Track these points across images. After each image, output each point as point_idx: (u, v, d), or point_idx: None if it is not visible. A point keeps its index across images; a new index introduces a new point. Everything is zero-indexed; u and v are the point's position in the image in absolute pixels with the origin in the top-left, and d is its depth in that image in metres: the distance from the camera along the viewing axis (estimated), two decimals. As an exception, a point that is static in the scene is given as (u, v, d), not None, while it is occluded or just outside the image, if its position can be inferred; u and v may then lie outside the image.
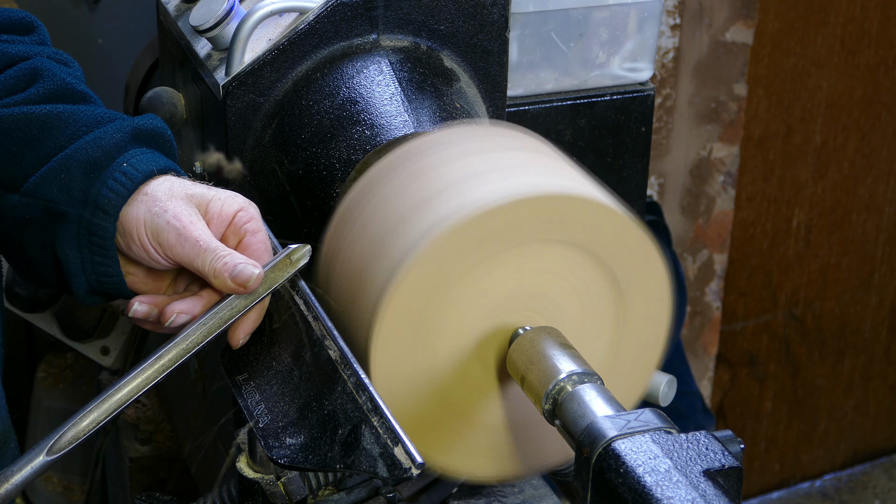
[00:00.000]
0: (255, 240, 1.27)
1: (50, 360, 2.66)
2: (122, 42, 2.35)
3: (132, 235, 1.26)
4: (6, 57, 1.39)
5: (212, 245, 1.24)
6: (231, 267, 1.22)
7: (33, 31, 1.44)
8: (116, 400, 1.19)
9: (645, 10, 1.84)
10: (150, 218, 1.26)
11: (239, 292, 1.23)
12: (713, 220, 3.02)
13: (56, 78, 1.36)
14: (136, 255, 1.28)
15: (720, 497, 1.03)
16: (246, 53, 1.50)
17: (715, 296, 3.11)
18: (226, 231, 1.27)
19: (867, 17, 3.09)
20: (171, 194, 1.27)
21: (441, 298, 1.22)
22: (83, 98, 1.37)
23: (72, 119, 1.32)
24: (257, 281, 1.23)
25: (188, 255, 1.24)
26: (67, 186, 1.28)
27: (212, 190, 1.29)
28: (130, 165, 1.28)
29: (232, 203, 1.28)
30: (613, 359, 1.32)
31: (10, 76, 1.37)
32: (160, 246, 1.25)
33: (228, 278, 1.22)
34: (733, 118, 2.93)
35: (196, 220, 1.26)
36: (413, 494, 1.51)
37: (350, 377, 1.19)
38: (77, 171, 1.28)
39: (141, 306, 1.27)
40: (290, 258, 1.26)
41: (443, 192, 1.23)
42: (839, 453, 3.59)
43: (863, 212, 3.31)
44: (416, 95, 1.48)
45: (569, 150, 1.71)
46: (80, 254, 1.29)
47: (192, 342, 1.23)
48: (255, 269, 1.22)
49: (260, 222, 1.29)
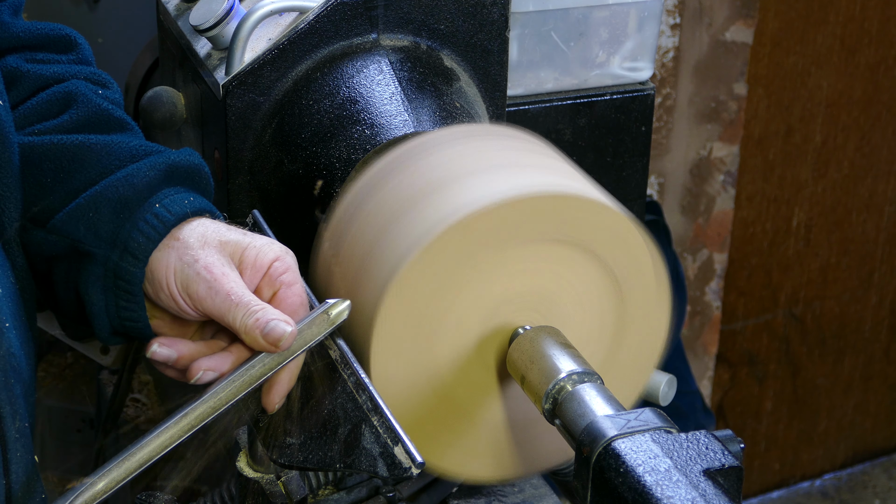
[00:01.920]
0: (290, 293, 1.20)
1: (50, 360, 2.66)
2: (122, 42, 2.35)
3: (161, 284, 1.20)
4: (41, 79, 1.33)
5: (244, 299, 1.17)
6: (263, 323, 1.15)
7: (72, 49, 1.38)
8: (138, 459, 1.13)
9: (645, 9, 1.84)
10: (181, 267, 1.19)
11: (271, 350, 1.16)
12: (713, 219, 3.02)
13: (91, 104, 1.30)
14: (163, 304, 1.22)
15: (720, 496, 1.03)
16: (246, 53, 1.50)
17: (715, 295, 3.11)
18: (260, 282, 1.20)
19: (867, 16, 3.09)
20: (204, 241, 1.21)
21: (441, 298, 1.22)
22: (119, 125, 1.31)
23: (104, 151, 1.26)
24: (290, 339, 1.16)
25: (219, 309, 1.17)
26: (95, 226, 1.22)
27: (247, 236, 1.22)
28: (163, 207, 1.23)
29: (268, 252, 1.21)
30: (613, 358, 1.32)
31: (42, 100, 1.31)
32: (189, 297, 1.19)
33: (260, 335, 1.15)
34: (733, 118, 2.93)
35: (229, 272, 1.19)
36: (413, 494, 1.51)
37: (350, 377, 1.19)
38: (106, 210, 1.22)
39: (161, 349, 1.19)
40: (327, 314, 1.19)
41: (442, 192, 1.23)
42: (839, 453, 3.59)
43: (863, 211, 3.31)
44: (416, 95, 1.48)
45: (569, 150, 1.72)
46: (104, 296, 1.23)
47: (220, 401, 1.16)
48: (288, 327, 1.15)
49: (296, 273, 1.21)
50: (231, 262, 1.20)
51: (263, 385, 1.20)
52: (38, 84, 1.33)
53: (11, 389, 1.18)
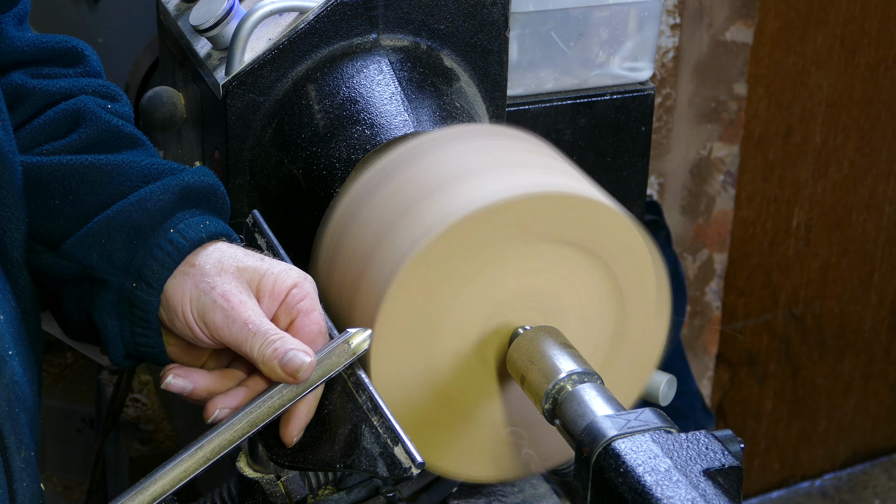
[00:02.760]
0: (308, 321, 1.17)
1: (50, 360, 2.66)
2: (122, 42, 2.35)
3: (176, 312, 1.18)
4: (48, 95, 1.29)
5: (262, 328, 1.14)
6: (282, 354, 1.12)
7: (80, 62, 1.35)
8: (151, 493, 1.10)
9: (645, 9, 1.84)
10: (197, 295, 1.17)
11: (289, 382, 1.14)
12: (713, 219, 3.02)
13: (100, 121, 1.27)
14: (179, 332, 1.19)
15: (720, 497, 1.03)
16: (246, 53, 1.50)
17: (715, 295, 3.11)
18: (278, 310, 1.18)
19: (867, 16, 3.09)
20: (221, 268, 1.18)
21: (441, 298, 1.22)
22: (130, 142, 1.28)
23: (115, 172, 1.23)
24: (308, 370, 1.13)
25: (236, 339, 1.15)
26: (108, 253, 1.19)
27: (265, 262, 1.20)
28: (178, 232, 1.20)
29: (286, 279, 1.18)
30: (613, 358, 1.32)
31: (50, 118, 1.28)
32: (206, 326, 1.16)
33: (278, 366, 1.13)
34: (733, 118, 2.93)
35: (246, 300, 1.16)
36: (413, 494, 1.51)
37: (350, 377, 1.19)
38: (119, 236, 1.19)
39: (176, 380, 1.17)
40: (348, 343, 1.16)
41: (442, 191, 1.23)
42: (839, 453, 3.59)
43: (863, 211, 3.31)
44: (416, 95, 1.48)
45: (569, 150, 1.72)
46: (119, 322, 1.21)
47: (237, 433, 1.14)
48: (307, 358, 1.13)
49: (315, 300, 1.18)
50: (248, 289, 1.18)
51: (281, 417, 1.18)
52: (46, 101, 1.30)
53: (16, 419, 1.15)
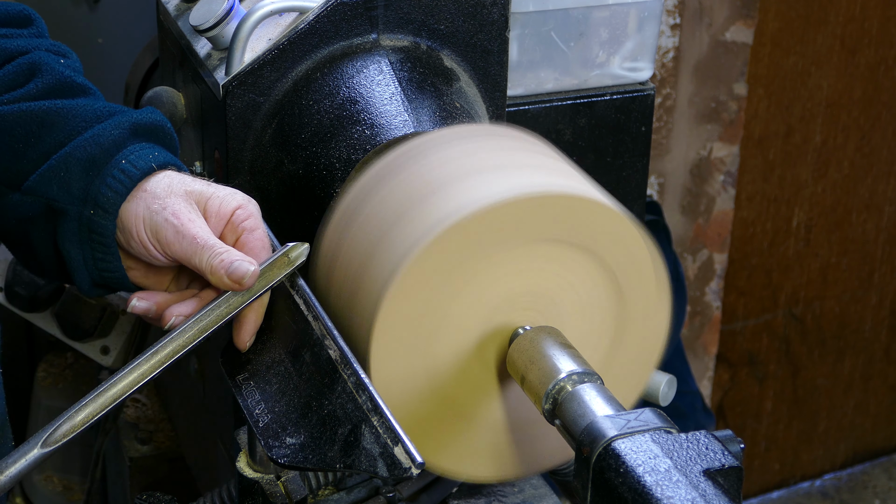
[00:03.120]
0: (252, 237, 1.27)
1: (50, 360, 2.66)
2: (122, 42, 2.35)
3: (131, 232, 1.27)
4: (5, 52, 1.39)
5: (209, 242, 1.24)
6: (227, 264, 1.23)
7: (31, 23, 1.45)
8: (111, 395, 1.20)
9: (645, 9, 1.84)
10: (149, 215, 1.26)
11: (235, 289, 1.24)
12: (713, 219, 3.02)
13: (55, 72, 1.36)
14: (135, 252, 1.29)
15: (720, 497, 1.03)
16: (246, 53, 1.50)
17: (715, 295, 3.11)
18: (224, 229, 1.28)
19: (867, 16, 3.09)
20: (170, 191, 1.28)
21: (441, 298, 1.22)
22: (82, 91, 1.38)
23: (71, 115, 1.32)
24: (253, 278, 1.23)
25: (186, 253, 1.25)
26: (67, 185, 1.29)
27: (211, 187, 1.30)
28: (129, 162, 1.29)
29: (231, 201, 1.29)
30: (613, 358, 1.32)
31: (8, 71, 1.37)
32: (158, 243, 1.26)
33: (224, 275, 1.23)
34: (733, 118, 2.93)
35: (195, 217, 1.26)
36: (413, 494, 1.51)
37: (350, 377, 1.19)
38: (76, 169, 1.29)
39: (140, 302, 1.28)
40: (287, 256, 1.27)
41: (442, 192, 1.23)
42: (839, 453, 3.59)
43: (863, 211, 3.31)
44: (416, 95, 1.48)
45: (569, 150, 1.72)
46: (81, 250, 1.30)
47: (188, 338, 1.24)
48: (251, 266, 1.23)
49: (258, 220, 1.29)
50: (197, 209, 1.28)
51: (234, 325, 1.27)
52: (4, 57, 1.39)
53: None
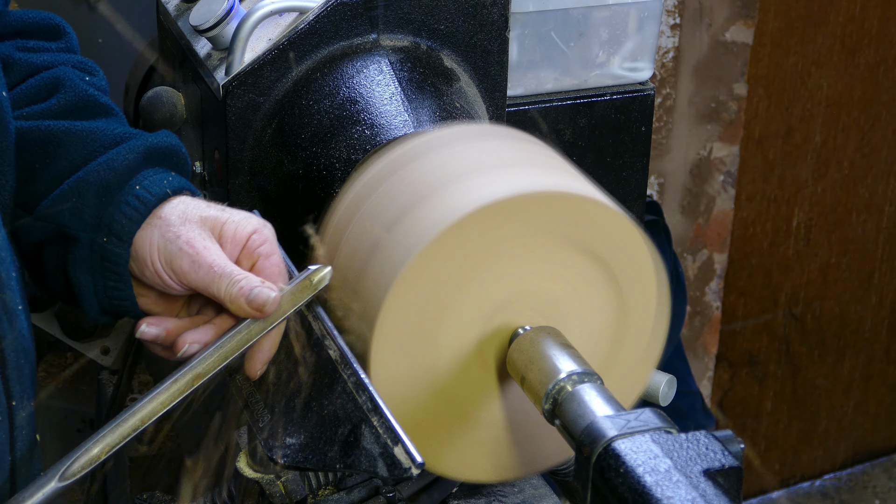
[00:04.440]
0: (269, 263, 1.24)
1: (50, 360, 2.66)
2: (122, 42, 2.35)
3: (145, 262, 1.24)
4: (30, 66, 1.37)
5: (227, 269, 1.21)
6: (247, 291, 1.19)
7: (61, 36, 1.42)
8: (130, 425, 1.16)
9: (645, 9, 1.84)
10: (164, 244, 1.23)
11: (256, 316, 1.20)
12: (713, 219, 3.02)
13: (77, 89, 1.34)
14: (149, 281, 1.26)
15: (720, 497, 1.03)
16: (246, 53, 1.50)
17: (715, 295, 3.11)
18: (240, 254, 1.24)
19: (867, 16, 3.09)
20: (185, 218, 1.25)
21: (441, 298, 1.22)
22: (104, 111, 1.35)
23: (89, 137, 1.30)
24: (274, 304, 1.20)
25: (203, 281, 1.22)
26: (80, 211, 1.26)
27: (226, 212, 1.26)
28: (143, 188, 1.26)
29: (246, 225, 1.25)
30: (613, 358, 1.32)
31: (31, 85, 1.35)
32: (174, 273, 1.23)
33: (245, 303, 1.19)
34: (733, 118, 2.93)
35: (210, 245, 1.23)
36: (413, 494, 1.51)
37: (350, 377, 1.19)
38: (89, 194, 1.26)
39: (150, 328, 1.24)
40: (310, 280, 1.23)
41: (441, 192, 1.23)
42: (839, 453, 3.59)
43: (863, 212, 3.31)
44: (416, 95, 1.48)
45: (569, 150, 1.72)
46: (92, 277, 1.27)
47: (208, 367, 1.19)
48: (272, 293, 1.19)
49: (274, 245, 1.26)
50: (211, 235, 1.24)
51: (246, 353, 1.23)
52: (29, 71, 1.37)
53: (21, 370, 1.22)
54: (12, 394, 1.21)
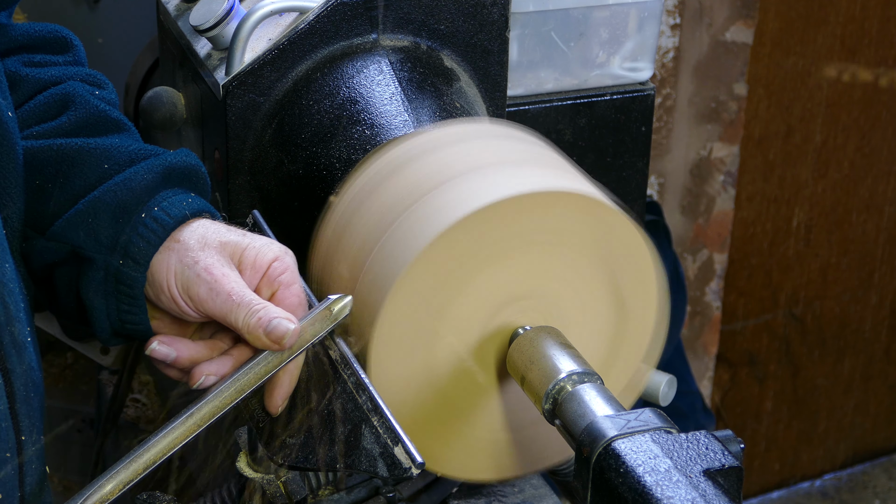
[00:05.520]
0: (289, 293, 1.20)
1: (50, 360, 2.66)
2: (122, 42, 2.35)
3: (161, 287, 1.21)
4: (38, 82, 1.33)
5: (245, 298, 1.17)
6: (266, 322, 1.15)
7: (68, 49, 1.39)
8: (144, 461, 1.13)
9: (645, 9, 1.84)
10: (181, 269, 1.20)
11: (274, 349, 1.17)
12: (713, 219, 3.02)
13: (88, 105, 1.31)
14: (164, 306, 1.22)
15: (720, 497, 1.03)
16: (246, 53, 1.50)
17: (715, 295, 3.11)
18: (259, 282, 1.21)
19: (867, 16, 3.09)
20: (204, 243, 1.21)
21: (441, 298, 1.22)
22: (116, 126, 1.31)
23: (104, 155, 1.26)
24: (293, 337, 1.16)
25: (220, 310, 1.18)
26: (95, 232, 1.22)
27: (246, 237, 1.23)
28: (162, 210, 1.23)
29: (267, 252, 1.21)
30: (613, 358, 1.32)
31: (40, 102, 1.31)
32: (191, 299, 1.20)
33: (263, 334, 1.15)
34: (733, 118, 2.93)
35: (229, 272, 1.19)
36: (413, 494, 1.51)
37: (350, 377, 1.19)
38: (105, 215, 1.22)
39: (160, 347, 1.20)
40: (329, 310, 1.19)
41: (442, 191, 1.23)
42: (839, 453, 3.59)
43: (863, 212, 3.31)
44: (416, 95, 1.48)
45: (569, 150, 1.72)
46: (105, 300, 1.23)
47: (225, 400, 1.16)
48: (291, 325, 1.16)
49: (295, 273, 1.22)
50: (231, 262, 1.21)
51: (266, 387, 1.20)
52: (37, 88, 1.33)
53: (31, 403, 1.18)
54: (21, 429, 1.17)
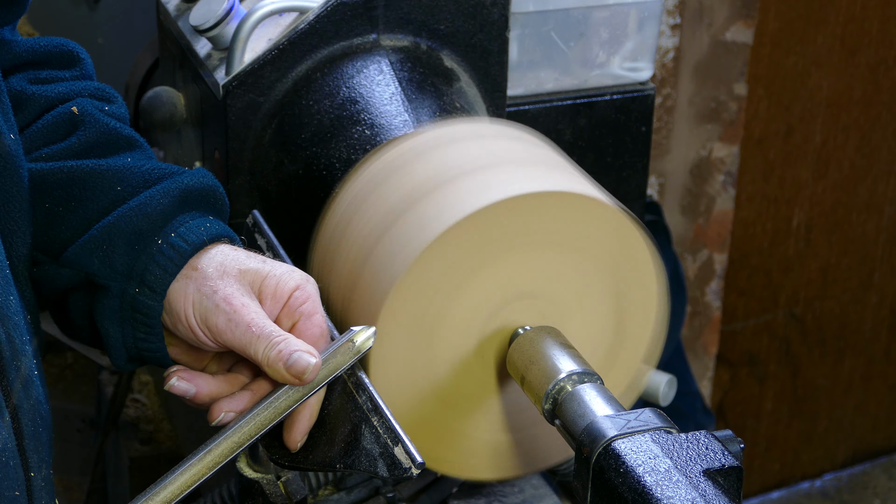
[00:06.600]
0: (310, 324, 1.18)
1: (50, 360, 2.66)
2: (122, 42, 2.36)
3: (179, 316, 1.18)
4: (45, 100, 1.29)
5: (265, 331, 1.14)
6: (286, 356, 1.12)
7: (75, 64, 1.35)
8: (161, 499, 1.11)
9: (645, 9, 1.84)
10: (199, 299, 1.17)
11: (294, 384, 1.14)
12: (713, 219, 3.02)
13: (98, 123, 1.27)
14: (182, 335, 1.20)
15: (720, 497, 1.03)
16: (246, 53, 1.50)
17: (715, 296, 3.11)
18: (280, 312, 1.18)
19: (867, 16, 3.09)
20: (224, 271, 1.18)
21: (441, 298, 1.22)
22: (128, 144, 1.28)
23: (117, 178, 1.22)
24: (314, 371, 1.13)
25: (240, 342, 1.15)
26: (110, 259, 1.19)
27: (267, 264, 1.19)
28: (179, 236, 1.20)
29: (288, 281, 1.18)
30: (613, 358, 1.32)
31: (48, 122, 1.28)
32: (209, 330, 1.17)
33: (283, 368, 1.13)
34: (733, 118, 2.93)
35: (248, 302, 1.16)
36: (413, 494, 1.51)
37: (350, 377, 1.19)
38: (120, 242, 1.19)
39: (180, 383, 1.17)
40: (352, 342, 1.17)
41: (442, 191, 1.23)
42: (839, 453, 3.59)
43: (863, 212, 3.31)
44: (416, 95, 1.48)
45: (569, 150, 1.72)
46: (121, 328, 1.20)
47: (244, 436, 1.14)
48: (312, 359, 1.13)
49: (317, 303, 1.19)
50: (251, 291, 1.18)
51: (285, 422, 1.18)
52: (44, 106, 1.30)
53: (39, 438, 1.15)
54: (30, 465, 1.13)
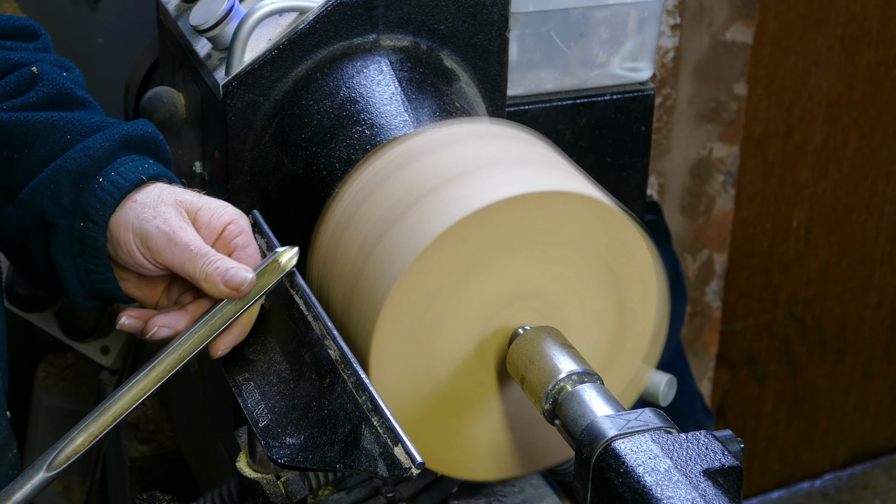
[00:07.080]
0: (244, 254, 1.26)
1: (50, 360, 2.66)
2: (122, 42, 2.36)
3: (120, 243, 1.27)
4: (8, 63, 1.39)
5: (202, 250, 1.23)
6: (223, 271, 1.21)
7: (36, 38, 1.45)
8: (112, 413, 1.19)
9: (645, 9, 1.84)
10: (139, 223, 1.26)
11: (231, 297, 1.23)
12: (713, 219, 3.02)
13: (55, 82, 1.37)
14: (122, 261, 1.28)
15: (720, 497, 1.03)
16: (246, 53, 1.50)
17: (715, 296, 3.11)
18: (215, 243, 1.27)
19: (867, 16, 3.09)
20: (160, 200, 1.27)
21: (441, 299, 1.22)
22: (82, 103, 1.38)
23: (66, 127, 1.32)
24: (251, 285, 1.22)
25: (178, 260, 1.24)
26: (58, 197, 1.28)
27: (202, 198, 1.29)
28: (118, 174, 1.29)
29: (222, 214, 1.27)
30: (613, 358, 1.32)
31: (10, 80, 1.37)
32: (148, 251, 1.25)
33: (220, 282, 1.22)
34: (733, 118, 2.93)
35: (186, 226, 1.25)
36: (413, 494, 1.51)
37: (350, 377, 1.19)
38: (66, 181, 1.29)
39: (128, 320, 1.27)
40: (277, 262, 1.26)
41: (442, 192, 1.23)
42: (839, 453, 3.59)
43: (863, 212, 3.31)
44: (416, 95, 1.48)
45: (569, 150, 1.72)
46: (73, 262, 1.29)
47: (185, 351, 1.23)
48: (248, 274, 1.22)
49: (250, 236, 1.28)
50: (187, 218, 1.26)
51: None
52: (7, 68, 1.39)
53: None
54: None
